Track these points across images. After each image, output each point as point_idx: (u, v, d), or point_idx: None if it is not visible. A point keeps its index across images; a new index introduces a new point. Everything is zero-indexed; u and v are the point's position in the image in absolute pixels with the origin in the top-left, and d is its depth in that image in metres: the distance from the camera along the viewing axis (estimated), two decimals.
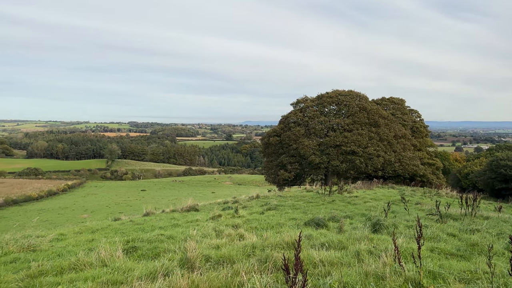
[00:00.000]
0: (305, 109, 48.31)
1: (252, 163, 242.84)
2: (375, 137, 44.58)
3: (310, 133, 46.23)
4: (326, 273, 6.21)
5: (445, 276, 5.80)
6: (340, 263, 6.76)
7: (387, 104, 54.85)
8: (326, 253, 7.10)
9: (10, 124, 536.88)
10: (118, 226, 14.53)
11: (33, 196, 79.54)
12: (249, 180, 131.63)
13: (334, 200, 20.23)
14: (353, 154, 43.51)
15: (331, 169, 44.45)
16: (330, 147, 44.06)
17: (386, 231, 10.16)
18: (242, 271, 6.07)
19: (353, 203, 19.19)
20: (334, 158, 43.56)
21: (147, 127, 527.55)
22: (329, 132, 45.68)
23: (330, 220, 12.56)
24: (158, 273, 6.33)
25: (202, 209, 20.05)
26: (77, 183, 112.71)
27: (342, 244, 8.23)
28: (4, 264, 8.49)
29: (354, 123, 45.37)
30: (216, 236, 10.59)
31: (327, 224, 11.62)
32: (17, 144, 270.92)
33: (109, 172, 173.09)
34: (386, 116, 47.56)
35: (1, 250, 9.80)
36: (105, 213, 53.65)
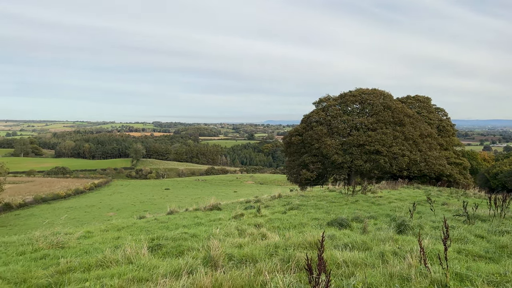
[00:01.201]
0: (328, 108, 47.89)
1: (274, 162, 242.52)
2: (400, 136, 43.78)
3: (332, 132, 45.80)
4: (349, 274, 6.16)
5: (472, 279, 5.65)
6: (364, 264, 6.69)
7: (412, 103, 53.77)
8: (349, 254, 7.03)
9: (39, 125, 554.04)
10: (143, 224, 14.80)
11: (61, 194, 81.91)
12: (271, 180, 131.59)
13: (358, 200, 19.99)
14: (377, 153, 42.86)
15: (355, 168, 43.91)
16: (354, 146, 43.52)
17: (411, 232, 9.99)
18: (265, 271, 6.08)
19: (377, 204, 18.92)
20: (358, 158, 43.01)
21: (171, 127, 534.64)
22: (352, 131, 45.13)
23: (354, 220, 12.42)
24: (182, 271, 6.42)
25: (225, 208, 20.18)
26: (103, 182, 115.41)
27: (366, 244, 8.14)
28: (35, 260, 8.79)
29: (378, 122, 44.68)
30: (239, 235, 10.65)
31: (350, 224, 11.51)
32: (46, 143, 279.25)
33: (134, 171, 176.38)
34: (411, 115, 46.62)
35: (31, 246, 10.15)
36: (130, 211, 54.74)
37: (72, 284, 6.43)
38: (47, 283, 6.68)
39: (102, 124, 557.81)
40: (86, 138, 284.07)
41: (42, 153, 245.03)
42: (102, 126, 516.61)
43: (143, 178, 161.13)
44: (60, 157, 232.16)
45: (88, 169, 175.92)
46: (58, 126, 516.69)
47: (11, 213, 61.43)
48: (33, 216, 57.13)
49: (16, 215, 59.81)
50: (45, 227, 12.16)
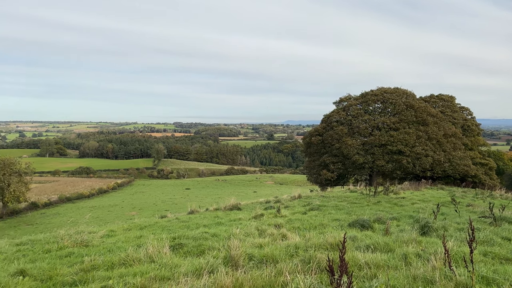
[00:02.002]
0: (349, 107, 47.40)
1: (294, 162, 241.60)
2: (423, 136, 42.96)
3: (353, 132, 45.30)
4: (371, 276, 6.08)
5: (499, 282, 5.49)
6: (386, 266, 6.60)
7: (436, 102, 52.70)
8: (371, 255, 6.94)
9: (64, 125, 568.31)
10: (165, 223, 14.99)
11: (85, 194, 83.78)
12: (290, 180, 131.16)
13: (380, 201, 19.72)
14: (399, 153, 42.17)
15: (376, 169, 43.32)
16: (375, 146, 42.94)
17: (435, 233, 9.80)
18: (285, 271, 6.07)
19: (400, 205, 18.62)
20: (379, 158, 42.41)
21: (191, 127, 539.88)
22: (374, 131, 44.51)
23: (376, 221, 12.25)
24: (203, 270, 6.46)
25: (245, 208, 20.24)
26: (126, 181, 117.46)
27: (389, 246, 8.02)
28: (60, 258, 9.01)
29: (400, 122, 43.94)
30: (259, 235, 10.65)
31: (372, 225, 11.36)
32: (70, 144, 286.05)
33: (155, 171, 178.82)
34: (435, 114, 45.66)
35: (57, 244, 10.41)
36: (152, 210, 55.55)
37: (96, 282, 6.56)
38: (72, 281, 6.83)
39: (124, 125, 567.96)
40: (109, 138, 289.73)
41: (67, 153, 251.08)
42: (125, 127, 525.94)
43: (165, 178, 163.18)
44: (84, 157, 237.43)
45: (111, 169, 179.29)
46: (82, 127, 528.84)
47: (37, 212, 63.19)
48: (58, 215, 58.63)
49: (42, 213, 61.51)
50: (70, 226, 12.46)
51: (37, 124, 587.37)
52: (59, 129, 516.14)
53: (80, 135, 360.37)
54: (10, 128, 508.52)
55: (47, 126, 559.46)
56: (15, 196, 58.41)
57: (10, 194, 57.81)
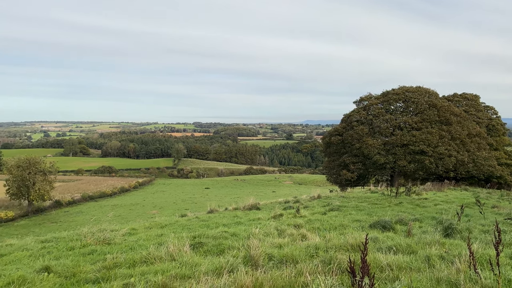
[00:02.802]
0: (369, 107, 46.78)
1: (313, 162, 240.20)
2: (446, 135, 42.05)
3: (374, 132, 44.70)
4: (394, 278, 5.99)
5: None
6: (409, 268, 6.49)
7: (459, 101, 51.50)
8: (393, 257, 6.84)
9: (87, 126, 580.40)
10: (185, 222, 15.14)
11: (107, 192, 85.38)
12: (309, 180, 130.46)
13: (401, 202, 19.41)
14: (422, 154, 41.39)
15: (398, 169, 42.64)
16: (397, 146, 42.26)
17: (459, 235, 9.60)
18: (305, 272, 6.03)
19: (422, 206, 18.28)
20: (401, 158, 41.72)
21: (210, 127, 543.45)
22: (395, 131, 43.82)
23: (397, 223, 12.07)
24: (224, 269, 6.48)
25: (264, 208, 20.24)
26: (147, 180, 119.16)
27: (411, 248, 7.90)
28: (83, 255, 9.20)
29: (423, 121, 43.13)
30: (278, 235, 10.64)
31: (394, 227, 11.19)
32: (93, 143, 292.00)
33: (175, 171, 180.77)
34: (459, 113, 44.62)
35: (80, 242, 10.64)
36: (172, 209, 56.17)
37: (118, 280, 6.66)
38: (94, 278, 6.96)
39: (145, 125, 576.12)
40: (130, 138, 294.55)
41: (90, 152, 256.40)
42: (146, 127, 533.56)
43: (184, 177, 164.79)
44: (106, 156, 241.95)
45: (132, 168, 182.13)
46: (104, 127, 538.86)
47: (61, 210, 64.76)
48: (81, 213, 59.94)
49: (65, 212, 63.02)
50: (93, 224, 12.70)
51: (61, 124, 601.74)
52: (82, 129, 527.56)
53: (103, 135, 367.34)
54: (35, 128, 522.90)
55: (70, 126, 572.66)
56: (40, 195, 60.03)
57: (35, 192, 59.46)
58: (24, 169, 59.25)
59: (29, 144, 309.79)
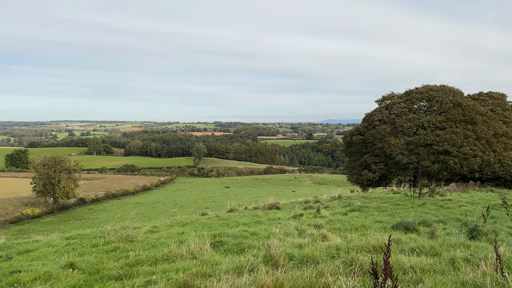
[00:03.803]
0: (392, 106, 46.05)
1: (334, 162, 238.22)
2: (471, 135, 41.01)
3: (397, 132, 43.98)
4: (417, 280, 5.88)
5: None
6: (432, 270, 6.36)
7: (485, 100, 50.07)
8: (416, 259, 6.71)
9: (110, 125, 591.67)
10: (205, 220, 15.25)
11: (130, 190, 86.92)
12: (330, 180, 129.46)
13: (425, 203, 19.02)
14: (446, 154, 40.48)
15: (421, 170, 41.83)
16: (420, 146, 41.47)
17: (485, 238, 9.35)
18: (327, 272, 5.98)
19: (446, 207, 17.88)
20: (425, 158, 40.91)
21: (231, 126, 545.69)
22: (419, 130, 43.01)
23: (421, 224, 11.84)
24: (244, 269, 6.49)
25: (283, 208, 20.20)
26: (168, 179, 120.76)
27: (435, 250, 7.74)
28: (106, 252, 9.37)
29: (447, 121, 42.18)
30: (299, 235, 10.59)
31: (417, 228, 10.98)
32: (116, 143, 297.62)
33: (196, 170, 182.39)
34: (484, 113, 43.43)
35: (103, 239, 10.85)
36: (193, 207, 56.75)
37: (140, 277, 6.75)
38: (117, 275, 7.08)
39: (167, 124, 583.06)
40: (152, 137, 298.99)
41: (113, 151, 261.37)
42: (167, 126, 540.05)
43: (205, 176, 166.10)
44: (129, 155, 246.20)
45: (154, 167, 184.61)
46: (127, 126, 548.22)
47: (85, 208, 66.26)
48: (105, 211, 61.17)
49: (89, 209, 64.44)
50: (116, 222, 12.93)
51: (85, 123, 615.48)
52: (106, 128, 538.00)
53: (126, 134, 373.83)
54: (60, 127, 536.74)
55: (94, 125, 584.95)
56: (65, 192, 61.58)
57: (60, 190, 61.02)
58: (49, 167, 60.88)
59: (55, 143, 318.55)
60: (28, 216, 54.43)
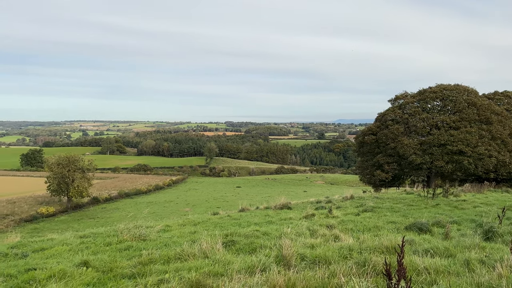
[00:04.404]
0: (405, 105, 45.56)
1: (345, 162, 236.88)
2: (486, 135, 40.36)
3: (410, 131, 43.51)
4: (431, 282, 5.82)
5: None
6: (447, 272, 6.28)
7: (501, 99, 49.23)
8: (430, 260, 6.64)
9: (123, 125, 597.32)
10: (217, 220, 15.30)
11: (142, 190, 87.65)
12: (342, 180, 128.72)
13: (439, 204, 18.78)
14: (460, 154, 39.91)
15: (435, 170, 41.31)
16: (434, 146, 40.95)
17: (500, 239, 9.20)
18: (339, 273, 5.95)
19: (461, 208, 17.62)
20: (438, 158, 40.40)
21: (242, 126, 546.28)
22: (432, 130, 42.48)
23: (435, 225, 11.69)
24: (256, 268, 6.49)
25: (295, 208, 20.14)
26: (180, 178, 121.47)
27: (449, 251, 7.65)
28: (119, 251, 9.47)
29: (461, 120, 41.59)
30: (310, 235, 10.56)
31: (431, 229, 10.85)
32: (129, 142, 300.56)
33: (208, 169, 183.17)
34: (500, 112, 42.69)
35: (117, 238, 10.96)
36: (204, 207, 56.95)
37: (153, 276, 6.81)
38: (130, 273, 7.14)
39: (179, 124, 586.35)
40: (165, 137, 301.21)
41: (126, 151, 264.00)
42: (179, 126, 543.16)
43: (216, 176, 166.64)
44: (141, 155, 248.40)
45: (166, 166, 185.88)
46: (140, 126, 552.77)
47: (98, 206, 67.00)
48: (118, 210, 61.79)
49: (102, 208, 65.15)
50: (129, 220, 13.06)
51: (98, 123, 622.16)
52: (119, 128, 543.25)
53: (138, 134, 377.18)
54: (74, 127, 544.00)
55: (108, 125, 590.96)
56: (79, 191, 62.35)
57: (74, 189, 61.82)
58: (64, 167, 61.71)
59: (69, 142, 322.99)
60: (43, 215, 55.25)
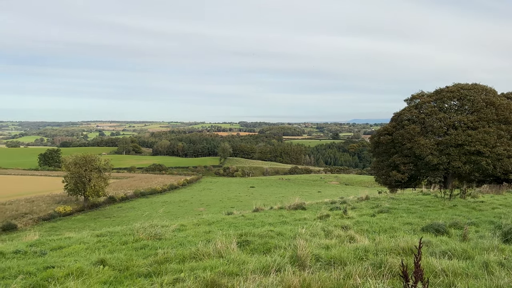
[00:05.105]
0: (421, 105, 44.96)
1: (360, 163, 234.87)
2: (505, 135, 39.55)
3: (426, 131, 42.92)
4: (449, 284, 5.73)
5: None
6: (465, 274, 6.18)
7: None
8: (448, 262, 6.53)
9: (139, 125, 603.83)
10: (231, 220, 15.34)
11: (158, 189, 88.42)
12: (356, 181, 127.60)
13: (456, 205, 18.47)
14: (478, 154, 39.20)
15: (452, 170, 40.66)
16: (451, 146, 40.31)
17: None
18: (355, 274, 5.90)
19: (479, 209, 17.29)
20: (456, 159, 39.74)
21: (256, 126, 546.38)
22: (449, 130, 41.83)
23: (452, 226, 11.50)
24: (271, 268, 6.49)
25: (309, 208, 20.05)
26: (194, 178, 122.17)
27: (467, 253, 7.51)
28: (135, 250, 9.58)
29: (479, 120, 40.84)
30: (325, 236, 10.50)
31: (448, 230, 10.68)
32: (144, 142, 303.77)
33: (222, 169, 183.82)
34: None
35: (132, 237, 11.09)
36: (218, 207, 57.14)
37: (169, 274, 6.86)
38: (146, 272, 7.22)
39: (193, 124, 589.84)
40: (179, 137, 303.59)
41: (141, 151, 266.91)
42: (194, 126, 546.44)
43: (230, 176, 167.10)
44: (156, 155, 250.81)
45: (181, 166, 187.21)
46: (155, 126, 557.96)
47: (114, 206, 67.82)
48: (133, 209, 62.45)
49: (118, 207, 65.93)
50: (144, 220, 13.19)
51: (115, 123, 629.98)
52: (134, 128, 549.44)
53: (154, 134, 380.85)
54: (91, 128, 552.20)
55: (124, 125, 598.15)
56: (95, 191, 63.21)
57: (91, 188, 62.70)
58: (80, 166, 62.65)
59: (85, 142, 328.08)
60: (60, 214, 56.18)
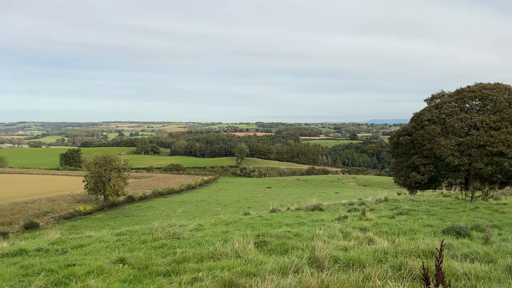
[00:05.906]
0: (442, 105, 44.11)
1: (379, 163, 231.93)
2: None
3: (447, 132, 42.09)
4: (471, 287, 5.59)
5: None
6: (487, 278, 6.03)
7: None
8: (470, 265, 6.39)
9: (157, 125, 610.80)
10: (248, 220, 15.36)
11: (175, 189, 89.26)
12: (375, 182, 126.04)
13: (478, 207, 18.05)
14: (500, 155, 38.23)
15: (473, 172, 39.77)
16: (472, 147, 39.44)
17: None
18: (374, 276, 5.83)
19: (501, 211, 16.86)
20: (477, 160, 38.86)
21: (272, 127, 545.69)
22: (471, 131, 40.93)
23: (474, 229, 11.24)
24: (289, 269, 6.47)
25: (327, 209, 19.90)
26: (211, 178, 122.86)
27: (489, 256, 7.34)
28: (154, 249, 9.69)
29: (502, 120, 39.83)
30: (343, 237, 10.40)
31: (469, 233, 10.45)
32: (162, 143, 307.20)
33: (238, 169, 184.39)
34: None
35: (151, 236, 11.22)
36: (235, 207, 57.28)
37: (187, 274, 6.92)
38: (165, 271, 7.30)
39: (210, 125, 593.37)
40: (197, 138, 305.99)
41: (160, 151, 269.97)
42: (211, 127, 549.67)
43: (247, 176, 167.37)
44: (174, 155, 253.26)
45: (198, 166, 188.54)
46: (173, 127, 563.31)
47: (133, 205, 68.72)
48: (152, 208, 63.15)
49: (137, 207, 66.77)
50: (163, 219, 13.33)
51: (133, 124, 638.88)
52: (153, 128, 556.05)
53: (171, 135, 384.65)
54: (110, 128, 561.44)
55: (142, 126, 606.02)
56: (115, 190, 64.16)
57: (110, 188, 63.66)
58: (100, 166, 63.66)
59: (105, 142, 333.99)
60: (80, 213, 57.22)
